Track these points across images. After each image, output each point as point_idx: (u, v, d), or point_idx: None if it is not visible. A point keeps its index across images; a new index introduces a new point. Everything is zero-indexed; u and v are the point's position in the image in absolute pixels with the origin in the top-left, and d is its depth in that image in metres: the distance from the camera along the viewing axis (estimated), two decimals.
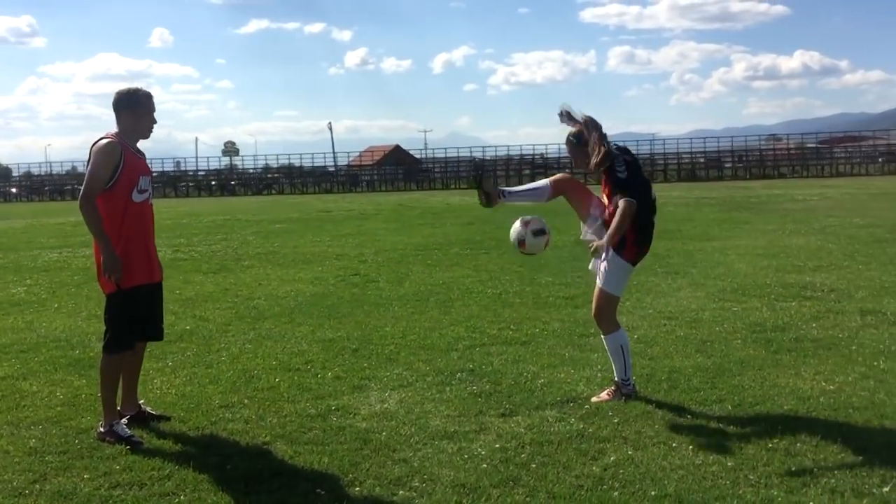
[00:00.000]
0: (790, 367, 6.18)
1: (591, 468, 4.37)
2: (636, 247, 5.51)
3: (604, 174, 5.54)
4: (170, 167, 69.61)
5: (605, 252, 5.41)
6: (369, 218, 25.07)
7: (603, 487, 4.13)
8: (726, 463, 4.36)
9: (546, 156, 66.32)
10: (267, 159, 78.63)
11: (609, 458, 4.49)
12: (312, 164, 72.20)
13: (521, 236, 5.71)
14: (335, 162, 73.86)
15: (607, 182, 5.53)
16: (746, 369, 6.16)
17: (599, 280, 5.57)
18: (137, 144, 5.24)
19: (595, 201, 5.64)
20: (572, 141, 5.60)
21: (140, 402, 5.43)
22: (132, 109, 5.10)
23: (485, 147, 72.17)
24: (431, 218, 24.03)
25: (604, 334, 5.64)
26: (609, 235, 5.30)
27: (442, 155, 69.73)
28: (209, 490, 4.25)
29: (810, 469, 4.24)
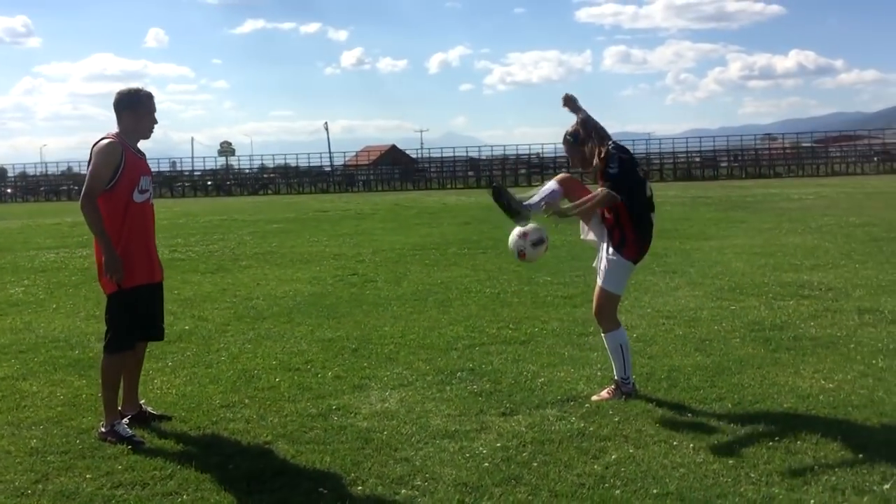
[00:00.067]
0: (789, 366, 6.20)
1: (593, 466, 4.38)
2: (636, 245, 5.53)
3: (599, 172, 5.57)
4: (166, 167, 69.49)
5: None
6: (366, 218, 25.07)
7: (605, 486, 4.14)
8: (727, 461, 4.38)
9: (542, 155, 66.36)
10: (263, 159, 78.62)
11: (610, 457, 4.50)
12: (308, 164, 72.15)
13: (521, 248, 5.73)
14: (331, 162, 73.82)
15: (601, 180, 5.56)
16: (746, 368, 6.18)
17: (600, 279, 5.59)
18: (138, 144, 5.25)
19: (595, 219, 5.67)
20: (569, 140, 5.64)
21: (141, 402, 5.43)
22: (133, 109, 5.11)
23: (480, 147, 72.18)
24: (428, 218, 24.04)
25: (604, 332, 5.66)
26: (571, 206, 5.48)
27: (438, 155, 69.68)
28: (211, 489, 4.26)
29: (811, 467, 4.26)
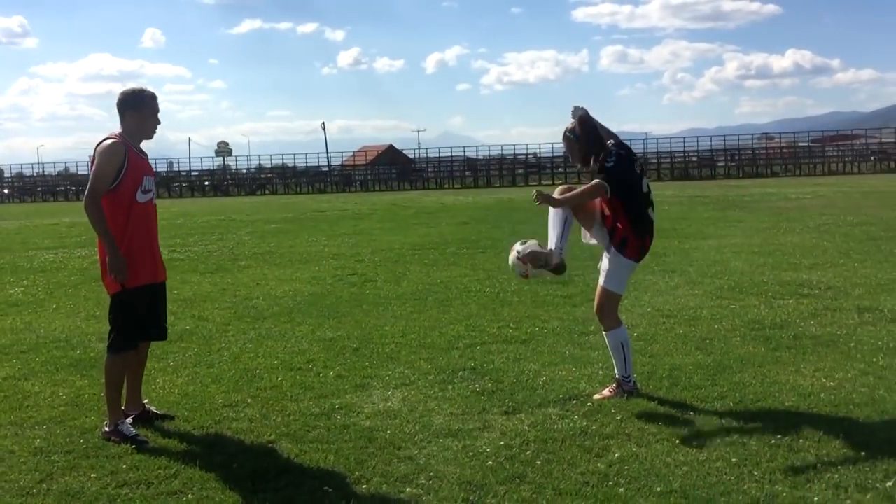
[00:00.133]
0: (790, 364, 6.22)
1: (596, 465, 4.40)
2: (638, 244, 5.54)
3: (598, 167, 5.59)
4: (163, 168, 69.42)
5: (535, 197, 5.55)
6: (364, 218, 25.09)
7: (608, 484, 4.16)
8: (730, 459, 4.39)
9: (539, 155, 66.38)
10: (260, 159, 78.54)
11: (613, 455, 4.52)
12: (306, 165, 72.14)
13: (524, 272, 5.76)
14: (328, 162, 73.83)
15: (598, 172, 5.58)
16: (747, 366, 6.19)
17: (602, 278, 5.61)
18: (140, 145, 5.26)
19: (597, 210, 5.67)
20: (569, 136, 5.64)
21: (144, 402, 5.44)
22: (137, 110, 5.12)
23: (478, 147, 72.05)
24: (426, 217, 24.06)
25: (605, 331, 5.68)
26: (560, 194, 5.51)
27: (435, 155, 69.71)
28: (216, 488, 4.27)
29: (813, 465, 4.27)
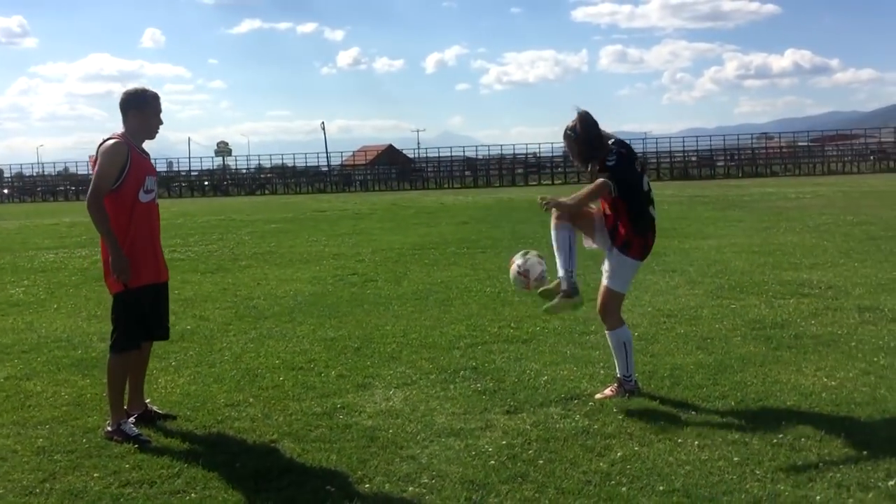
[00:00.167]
0: (791, 364, 6.22)
1: (598, 464, 4.41)
2: (640, 243, 5.54)
3: (598, 167, 5.60)
4: (162, 167, 69.42)
5: (542, 204, 5.46)
6: (364, 217, 25.09)
7: (611, 483, 4.16)
8: (732, 458, 4.40)
9: (539, 155, 66.40)
10: (260, 159, 78.52)
11: (615, 454, 4.52)
12: (305, 164, 72.15)
13: (525, 286, 5.80)
14: (328, 162, 73.83)
15: (601, 175, 5.58)
16: (748, 366, 6.20)
17: (606, 279, 5.61)
18: (143, 145, 5.27)
19: (596, 216, 5.68)
20: (570, 135, 5.63)
21: (146, 401, 5.45)
22: (140, 109, 5.12)
23: (477, 146, 72.02)
24: (426, 217, 24.07)
25: (608, 330, 5.68)
26: (572, 199, 5.43)
27: (435, 155, 69.73)
28: (219, 488, 4.27)
29: (816, 464, 4.28)
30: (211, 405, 5.67)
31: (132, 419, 5.15)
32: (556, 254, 5.66)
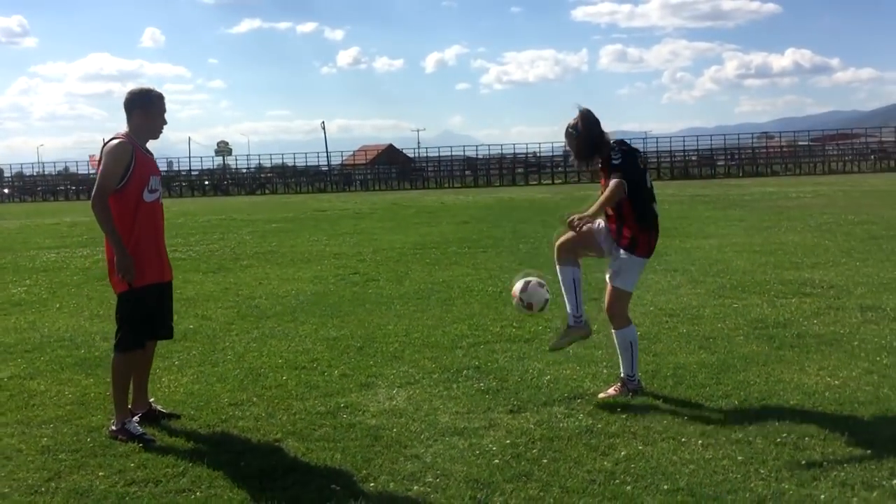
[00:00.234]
0: (794, 363, 6.23)
1: (603, 463, 4.41)
2: (646, 240, 5.55)
3: (601, 166, 5.60)
4: (163, 167, 69.29)
5: (570, 224, 5.35)
6: (365, 217, 25.10)
7: (615, 482, 4.17)
8: (736, 457, 4.41)
9: (539, 154, 66.39)
10: (260, 159, 78.47)
11: (619, 453, 4.53)
12: (306, 164, 72.13)
13: (530, 312, 5.92)
14: (328, 161, 73.83)
15: (604, 173, 5.59)
16: (750, 365, 6.21)
17: (614, 279, 5.60)
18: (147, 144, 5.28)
19: (599, 233, 5.70)
20: (571, 132, 5.63)
21: (150, 400, 5.45)
22: (144, 109, 5.13)
23: (477, 146, 72.12)
24: (427, 217, 24.08)
25: (615, 329, 5.68)
26: (595, 208, 5.32)
27: (435, 154, 69.72)
28: (224, 486, 4.28)
29: (819, 463, 4.29)
30: (215, 404, 5.68)
31: (136, 418, 5.16)
32: (564, 295, 5.78)
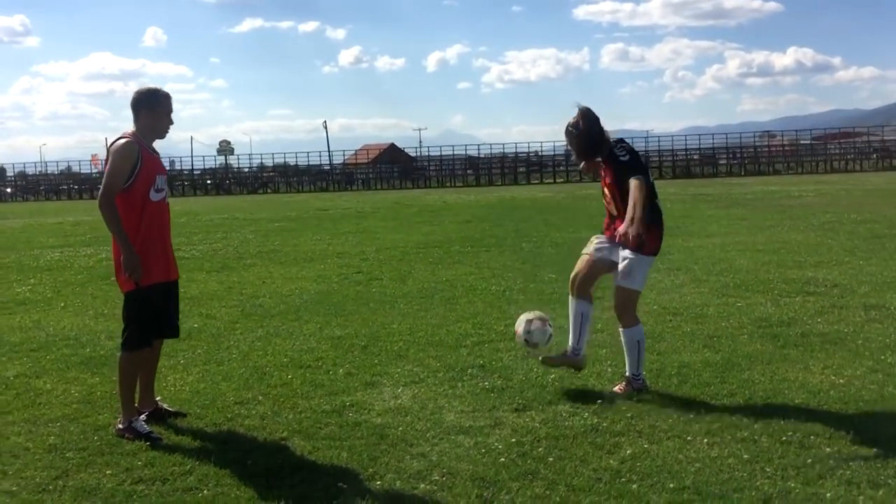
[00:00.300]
0: (798, 362, 6.24)
1: (608, 461, 4.42)
2: (654, 238, 5.57)
3: (603, 164, 5.61)
4: (165, 166, 69.36)
5: (631, 243, 5.33)
6: (367, 216, 25.11)
7: (621, 480, 4.18)
8: (742, 455, 4.42)
9: (541, 153, 66.39)
10: (262, 158, 78.50)
11: (625, 452, 4.54)
12: (308, 163, 72.17)
13: (536, 350, 5.99)
14: (330, 160, 73.85)
15: (608, 171, 5.59)
16: (755, 364, 6.22)
17: (623, 280, 5.61)
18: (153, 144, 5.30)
19: (600, 250, 5.77)
20: (571, 131, 5.64)
21: (157, 399, 5.47)
22: (151, 109, 5.15)
23: (479, 145, 72.14)
24: (429, 216, 24.09)
25: (623, 328, 5.70)
26: (637, 218, 5.20)
27: (437, 153, 69.74)
28: (231, 485, 4.29)
29: (825, 461, 4.29)
30: (220, 403, 5.70)
31: (143, 417, 5.18)
32: (570, 326, 5.87)
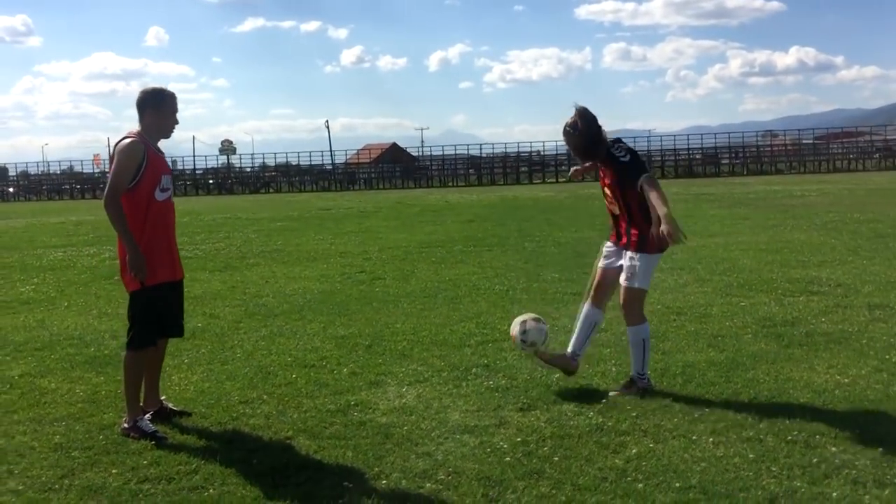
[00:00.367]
0: (803, 361, 6.24)
1: (614, 461, 4.42)
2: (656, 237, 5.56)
3: (602, 164, 5.61)
4: None
5: (670, 241, 5.28)
6: (370, 216, 25.10)
7: (627, 479, 4.18)
8: (747, 455, 4.42)
9: (543, 153, 66.34)
10: (264, 158, 78.51)
11: (631, 451, 4.54)
12: (310, 163, 72.15)
13: (534, 349, 5.96)
14: (332, 160, 73.83)
15: (607, 171, 5.59)
16: (760, 363, 6.21)
17: (628, 280, 5.61)
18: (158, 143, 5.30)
19: (608, 257, 5.79)
20: (569, 131, 5.62)
21: (162, 398, 5.47)
22: (157, 108, 5.15)
23: (481, 145, 72.16)
24: (432, 215, 24.07)
25: (629, 326, 5.69)
26: (663, 216, 5.18)
27: (439, 153, 69.72)
28: (237, 483, 4.30)
29: (831, 461, 4.29)
30: (225, 402, 5.70)
31: (148, 416, 5.19)
32: (577, 331, 5.89)
